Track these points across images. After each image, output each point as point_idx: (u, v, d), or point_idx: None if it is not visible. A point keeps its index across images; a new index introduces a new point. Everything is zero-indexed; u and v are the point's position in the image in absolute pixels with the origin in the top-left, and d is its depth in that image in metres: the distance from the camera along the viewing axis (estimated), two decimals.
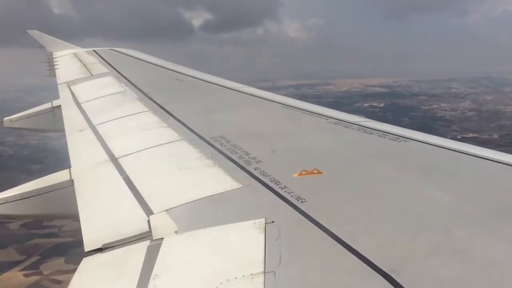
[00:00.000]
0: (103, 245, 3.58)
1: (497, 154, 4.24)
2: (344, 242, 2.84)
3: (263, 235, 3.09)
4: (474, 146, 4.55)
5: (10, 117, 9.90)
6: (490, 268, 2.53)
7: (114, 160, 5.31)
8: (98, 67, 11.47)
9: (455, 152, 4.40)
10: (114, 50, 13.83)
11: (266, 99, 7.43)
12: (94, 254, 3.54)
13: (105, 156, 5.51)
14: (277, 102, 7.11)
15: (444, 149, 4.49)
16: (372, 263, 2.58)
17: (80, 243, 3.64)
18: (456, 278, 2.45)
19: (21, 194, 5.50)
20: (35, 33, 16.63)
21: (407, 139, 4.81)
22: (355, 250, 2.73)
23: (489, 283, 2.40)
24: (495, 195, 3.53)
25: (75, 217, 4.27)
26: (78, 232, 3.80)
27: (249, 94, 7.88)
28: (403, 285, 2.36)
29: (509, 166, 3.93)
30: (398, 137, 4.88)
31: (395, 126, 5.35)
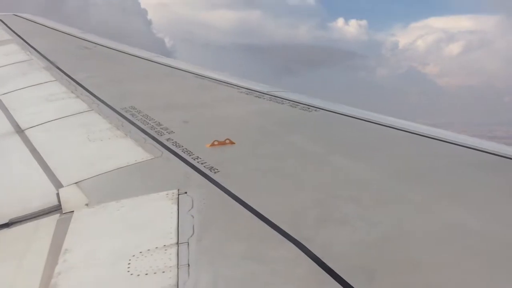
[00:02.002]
0: (10, 220, 3.46)
1: (401, 124, 4.40)
2: (257, 211, 2.88)
3: (176, 206, 3.08)
4: (380, 115, 4.70)
5: None
6: (396, 232, 2.63)
7: (19, 131, 5.12)
8: (1, 33, 10.94)
9: (363, 121, 4.53)
10: (17, 15, 13.20)
11: (179, 69, 7.36)
12: (1, 229, 3.42)
13: (9, 128, 5.30)
14: (190, 72, 7.05)
15: (353, 118, 4.62)
16: (284, 232, 2.63)
17: None
18: (364, 244, 2.54)
19: None
20: None
21: (318, 109, 4.91)
22: (268, 219, 2.77)
23: (394, 247, 2.50)
24: (399, 162, 3.67)
25: None
26: None
27: (161, 64, 7.77)
28: (314, 252, 2.41)
29: (414, 134, 4.09)
30: (309, 106, 4.96)
31: (306, 96, 5.43)
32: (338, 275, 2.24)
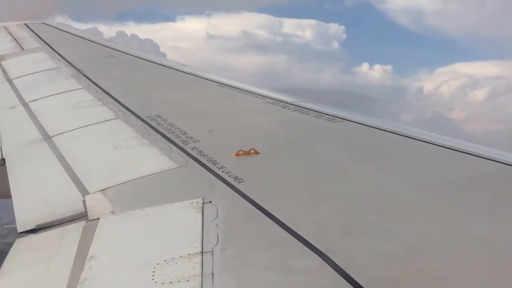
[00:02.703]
0: (37, 225, 3.51)
1: (428, 136, 4.37)
2: (281, 221, 2.87)
3: (200, 215, 3.09)
4: (406, 127, 4.67)
5: None
6: (422, 244, 2.61)
7: (47, 138, 5.18)
8: (30, 41, 11.10)
9: (388, 132, 4.51)
10: (46, 24, 13.40)
11: (203, 78, 7.39)
12: (27, 235, 3.46)
13: (38, 135, 5.36)
14: (214, 81, 7.08)
15: (379, 130, 4.59)
16: (309, 243, 2.63)
17: None
18: (389, 256, 2.52)
19: None
20: None
21: (342, 120, 4.89)
22: (292, 230, 2.77)
23: (419, 260, 2.48)
24: (425, 175, 3.64)
25: (7, 197, 4.15)
26: None
27: (185, 73, 7.81)
28: (339, 264, 2.41)
29: (440, 147, 4.05)
30: (334, 117, 4.95)
31: (330, 107, 5.43)
32: (362, 287, 2.24)
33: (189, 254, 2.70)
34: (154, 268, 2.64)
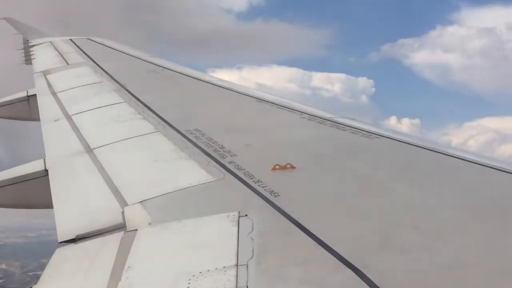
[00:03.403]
0: (77, 236, 3.56)
1: (465, 152, 4.29)
2: (316, 236, 2.86)
3: (236, 228, 3.09)
4: (443, 144, 4.60)
5: None
6: (458, 264, 2.56)
7: (89, 150, 5.27)
8: (75, 56, 11.31)
9: (424, 149, 4.45)
10: (90, 39, 13.64)
11: (241, 93, 7.42)
12: (67, 245, 3.51)
13: (80, 147, 5.46)
14: (252, 96, 7.10)
15: (415, 147, 4.54)
16: (344, 258, 2.60)
17: None
18: (424, 274, 2.48)
19: None
20: (10, 20, 16.33)
21: (379, 136, 4.85)
22: (327, 245, 2.75)
23: (454, 278, 2.44)
24: (462, 192, 3.58)
25: (49, 207, 4.23)
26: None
27: (224, 88, 7.85)
28: (373, 280, 2.38)
29: (477, 164, 3.98)
30: (370, 133, 4.91)
31: (367, 123, 5.38)
32: None
33: (224, 266, 2.70)
34: (189, 280, 2.65)
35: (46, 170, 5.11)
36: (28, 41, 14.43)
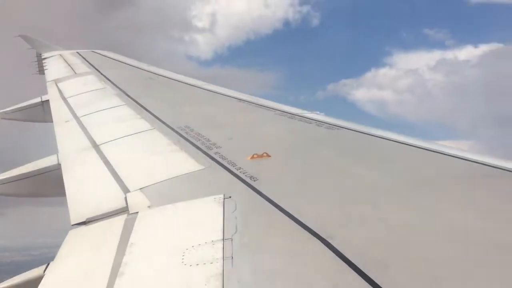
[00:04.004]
0: (87, 219, 3.53)
1: (408, 139, 4.31)
2: (289, 213, 2.86)
3: (222, 208, 3.09)
4: (390, 133, 4.60)
5: (5, 109, 9.61)
6: (409, 232, 2.59)
7: (95, 146, 5.22)
8: (81, 66, 11.18)
9: (376, 137, 4.47)
10: (94, 52, 13.49)
11: (224, 95, 7.40)
12: (78, 227, 3.49)
13: (87, 143, 5.41)
14: (233, 97, 7.08)
15: (368, 135, 4.56)
16: (313, 230, 2.61)
17: None
18: (379, 241, 2.50)
19: (16, 176, 5.37)
20: (25, 37, 16.09)
21: (339, 128, 4.87)
22: (298, 220, 2.76)
23: (404, 243, 2.46)
24: (407, 172, 3.61)
25: (62, 196, 4.19)
26: None
27: (209, 91, 7.82)
28: (338, 248, 2.40)
29: (419, 148, 4.00)
30: (332, 126, 4.93)
31: (330, 117, 5.39)
32: (356, 265, 2.23)
33: (212, 241, 2.70)
34: (183, 253, 2.65)
35: (59, 164, 5.06)
36: (40, 54, 14.22)
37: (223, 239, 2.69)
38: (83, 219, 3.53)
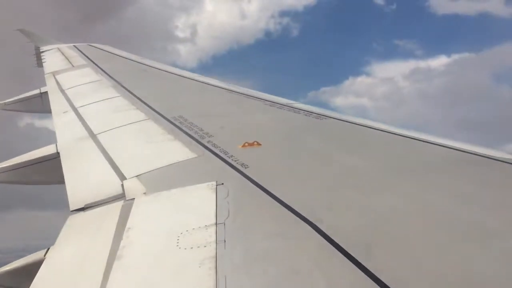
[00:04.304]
0: (85, 205, 3.52)
1: (394, 128, 4.33)
2: (279, 198, 2.87)
3: (214, 195, 3.09)
4: (375, 122, 4.62)
5: (5, 100, 9.51)
6: (393, 216, 2.60)
7: (93, 136, 5.18)
8: (78, 59, 11.08)
9: (362, 126, 4.48)
10: (91, 45, 13.36)
11: (216, 86, 7.37)
12: (77, 213, 3.47)
13: (85, 133, 5.37)
14: (224, 88, 7.06)
15: (355, 125, 4.57)
16: (301, 215, 2.62)
17: None
18: (365, 224, 2.52)
19: (17, 164, 5.33)
20: (24, 31, 15.89)
21: (327, 117, 4.87)
22: (287, 205, 2.76)
23: (390, 226, 2.48)
24: (391, 159, 3.63)
25: (61, 183, 4.17)
26: None
27: (202, 82, 7.79)
28: (325, 232, 2.41)
29: (407, 138, 4.00)
30: (320, 115, 4.94)
31: (317, 107, 5.40)
32: (342, 248, 2.24)
33: (206, 225, 2.70)
34: (178, 237, 2.64)
35: (58, 153, 5.03)
36: (39, 47, 14.06)
37: (216, 224, 2.69)
38: (82, 205, 3.51)
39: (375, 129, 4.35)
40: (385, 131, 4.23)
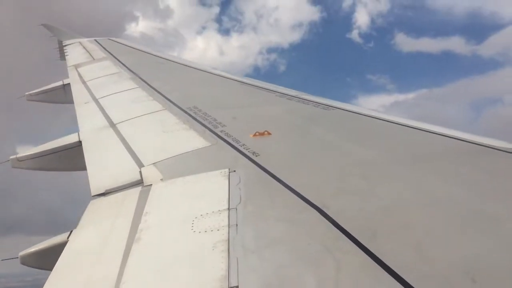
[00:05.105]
0: (106, 190, 3.55)
1: (398, 118, 4.29)
2: (288, 185, 2.87)
3: (227, 181, 3.10)
4: (381, 112, 4.58)
5: (30, 92, 9.57)
6: (398, 203, 2.59)
7: (112, 125, 5.21)
8: (99, 53, 11.10)
9: (369, 117, 4.45)
10: (111, 39, 13.38)
11: (228, 78, 7.35)
12: (98, 197, 3.50)
13: (105, 122, 5.40)
14: (237, 81, 7.04)
15: (363, 116, 4.54)
16: (308, 200, 2.62)
17: None
18: (370, 211, 2.51)
19: (41, 152, 5.37)
20: (47, 26, 15.94)
21: (334, 108, 4.85)
22: (296, 191, 2.77)
23: (394, 214, 2.47)
24: (396, 149, 3.60)
25: (83, 170, 4.20)
26: None
27: (215, 74, 7.77)
28: (332, 217, 2.41)
29: (413, 128, 3.96)
30: (328, 106, 4.91)
31: (325, 98, 5.36)
32: (349, 233, 2.24)
33: (219, 210, 2.71)
34: (193, 221, 2.66)
35: (80, 141, 5.06)
36: (61, 41, 14.10)
37: (228, 209, 2.71)
38: (102, 191, 3.54)
39: (381, 119, 4.32)
40: (391, 122, 4.19)
